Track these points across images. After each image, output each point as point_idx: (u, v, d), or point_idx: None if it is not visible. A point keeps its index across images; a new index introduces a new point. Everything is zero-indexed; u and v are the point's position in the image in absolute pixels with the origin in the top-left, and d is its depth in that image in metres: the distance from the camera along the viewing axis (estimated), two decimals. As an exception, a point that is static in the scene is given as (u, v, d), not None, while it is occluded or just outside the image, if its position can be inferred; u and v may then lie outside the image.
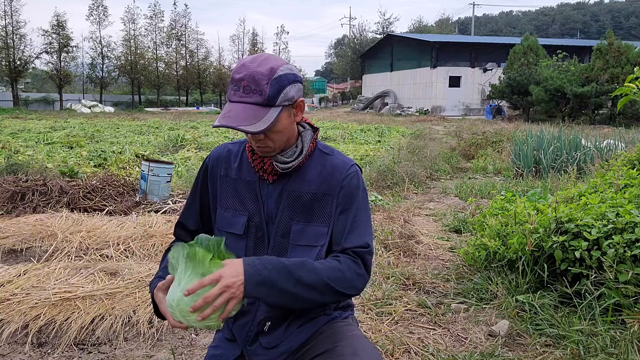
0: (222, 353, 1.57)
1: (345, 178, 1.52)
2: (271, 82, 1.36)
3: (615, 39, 23.42)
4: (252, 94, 1.36)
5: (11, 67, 37.38)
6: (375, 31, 57.01)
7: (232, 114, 1.36)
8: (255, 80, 1.35)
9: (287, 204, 1.52)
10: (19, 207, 5.25)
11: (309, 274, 1.38)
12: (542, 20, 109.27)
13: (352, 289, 1.45)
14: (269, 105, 1.37)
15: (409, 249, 4.32)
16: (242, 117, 1.35)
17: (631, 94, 3.20)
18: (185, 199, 5.84)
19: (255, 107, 1.36)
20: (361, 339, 1.48)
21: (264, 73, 1.36)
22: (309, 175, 1.53)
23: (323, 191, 1.52)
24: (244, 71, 1.37)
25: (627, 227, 2.92)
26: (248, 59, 1.40)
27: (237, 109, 1.37)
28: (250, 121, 1.35)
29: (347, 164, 1.54)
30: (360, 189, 1.55)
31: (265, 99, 1.36)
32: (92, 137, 13.87)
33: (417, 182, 7.72)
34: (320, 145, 1.59)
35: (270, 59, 1.40)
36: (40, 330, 2.81)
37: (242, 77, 1.36)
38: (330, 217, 1.53)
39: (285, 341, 1.52)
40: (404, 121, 24.89)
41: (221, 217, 1.58)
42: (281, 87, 1.38)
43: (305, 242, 1.52)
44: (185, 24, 46.60)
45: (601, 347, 2.51)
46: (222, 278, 1.28)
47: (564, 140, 8.33)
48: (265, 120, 1.36)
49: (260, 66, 1.36)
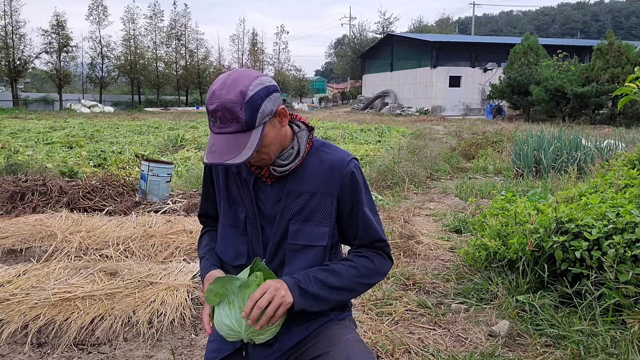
0: (220, 347, 1.59)
1: (345, 176, 1.52)
2: (244, 107, 1.32)
3: (615, 38, 23.41)
4: (230, 123, 1.33)
5: (11, 67, 37.39)
6: (375, 31, 57.06)
7: (216, 148, 1.34)
8: (228, 109, 1.32)
9: (286, 203, 1.52)
10: (19, 207, 5.24)
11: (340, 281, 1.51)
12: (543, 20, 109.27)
13: (381, 276, 1.61)
14: (249, 130, 1.35)
15: (409, 249, 4.32)
16: (226, 151, 1.33)
17: (631, 94, 3.20)
18: (185, 199, 5.85)
19: (236, 136, 1.34)
20: (355, 343, 1.48)
21: (235, 100, 1.32)
22: (307, 175, 1.52)
23: (322, 191, 1.52)
24: (216, 101, 1.33)
25: (628, 227, 2.92)
26: (217, 85, 1.36)
27: (219, 141, 1.35)
28: (235, 152, 1.33)
29: (344, 160, 1.53)
30: (361, 183, 1.56)
31: (243, 125, 1.34)
32: (91, 137, 13.87)
33: (417, 182, 7.72)
34: (317, 143, 1.58)
35: (239, 80, 1.35)
36: (40, 330, 2.80)
37: (215, 109, 1.33)
38: (330, 217, 1.53)
39: (281, 340, 1.53)
40: (404, 121, 24.89)
41: (225, 212, 1.62)
42: (256, 108, 1.34)
43: (303, 242, 1.53)
44: (185, 24, 46.66)
45: (601, 347, 2.51)
46: (268, 287, 1.39)
47: (564, 140, 8.33)
48: (249, 145, 1.34)
49: (229, 92, 1.33)
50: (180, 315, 3.00)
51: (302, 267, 1.53)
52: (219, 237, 1.66)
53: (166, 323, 2.92)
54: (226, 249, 1.63)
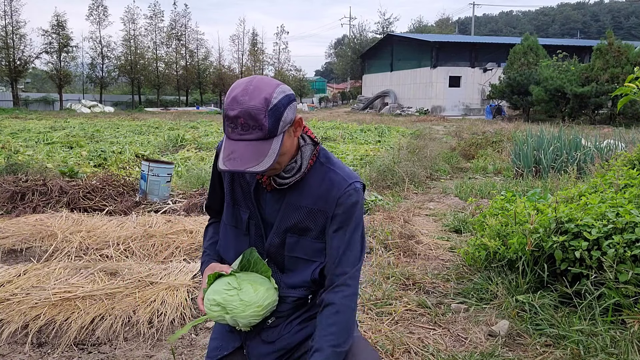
0: (222, 345, 1.61)
1: (342, 196, 1.47)
2: (268, 114, 1.29)
3: (615, 38, 23.42)
4: (252, 130, 1.30)
5: (11, 67, 37.40)
6: (375, 31, 57.06)
7: (236, 155, 1.31)
8: (252, 116, 1.28)
9: (284, 214, 1.51)
10: (19, 207, 5.25)
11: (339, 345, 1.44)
12: (542, 20, 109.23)
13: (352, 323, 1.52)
14: (271, 137, 1.32)
15: (409, 249, 4.32)
16: (247, 158, 1.30)
17: (631, 94, 3.20)
18: (185, 199, 5.86)
19: (258, 143, 1.31)
20: (359, 340, 1.49)
21: (259, 107, 1.29)
22: (307, 189, 1.50)
23: (319, 208, 1.49)
24: (238, 107, 1.29)
25: (627, 227, 2.92)
26: (238, 92, 1.31)
27: (239, 148, 1.31)
28: (257, 160, 1.30)
29: (346, 182, 1.49)
30: (357, 207, 1.50)
31: (266, 133, 1.30)
32: (92, 137, 13.87)
33: (417, 182, 7.72)
34: (323, 158, 1.54)
35: (261, 87, 1.32)
36: (40, 330, 2.81)
37: (237, 115, 1.29)
38: (324, 234, 1.52)
39: (283, 337, 1.54)
40: (404, 121, 24.89)
41: (227, 212, 1.62)
42: (279, 116, 1.31)
43: (301, 255, 1.53)
44: (185, 24, 46.70)
45: (601, 347, 2.51)
46: None
47: (564, 140, 8.33)
48: (270, 153, 1.32)
49: (253, 99, 1.29)
50: (180, 315, 3.01)
51: (301, 279, 1.54)
52: (221, 237, 1.67)
53: (166, 323, 2.92)
54: (227, 249, 1.63)
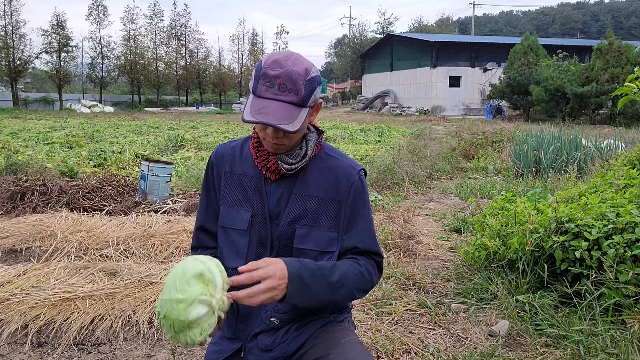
0: (221, 349, 1.59)
1: (354, 184, 1.53)
2: (306, 83, 1.37)
3: (615, 38, 23.43)
4: (289, 92, 1.36)
5: (11, 67, 37.43)
6: (375, 31, 57.15)
7: (268, 111, 1.34)
8: (292, 80, 1.35)
9: (293, 207, 1.51)
10: (19, 207, 5.24)
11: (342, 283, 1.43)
12: (542, 20, 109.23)
13: (364, 292, 1.54)
14: (302, 106, 1.38)
15: (409, 249, 4.32)
16: (280, 115, 1.34)
17: (631, 94, 3.20)
18: (185, 199, 5.84)
19: (291, 107, 1.36)
20: (354, 345, 1.47)
21: (300, 73, 1.36)
22: (314, 179, 1.52)
23: (331, 196, 1.51)
24: (280, 69, 1.35)
25: (628, 227, 2.92)
26: (280, 56, 1.39)
27: (272, 106, 1.35)
28: (288, 120, 1.35)
29: (354, 169, 1.54)
30: (366, 193, 1.57)
31: (300, 99, 1.37)
32: (91, 137, 13.86)
33: (417, 182, 7.72)
34: (326, 148, 1.58)
35: (302, 59, 1.40)
36: (40, 330, 2.80)
37: (278, 75, 1.35)
38: (338, 223, 1.52)
39: (281, 346, 1.52)
40: (404, 121, 24.89)
41: (225, 214, 1.58)
42: (313, 88, 1.39)
43: (312, 247, 1.50)
44: (185, 24, 46.77)
45: (601, 347, 2.51)
46: (270, 278, 1.30)
47: (564, 140, 8.33)
48: (299, 120, 1.37)
49: (296, 65, 1.37)
50: (180, 315, 3.00)
51: None
52: (220, 241, 1.62)
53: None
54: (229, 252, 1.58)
